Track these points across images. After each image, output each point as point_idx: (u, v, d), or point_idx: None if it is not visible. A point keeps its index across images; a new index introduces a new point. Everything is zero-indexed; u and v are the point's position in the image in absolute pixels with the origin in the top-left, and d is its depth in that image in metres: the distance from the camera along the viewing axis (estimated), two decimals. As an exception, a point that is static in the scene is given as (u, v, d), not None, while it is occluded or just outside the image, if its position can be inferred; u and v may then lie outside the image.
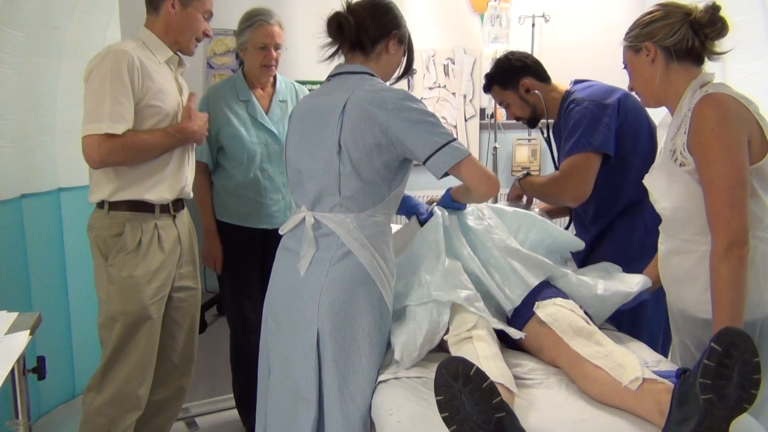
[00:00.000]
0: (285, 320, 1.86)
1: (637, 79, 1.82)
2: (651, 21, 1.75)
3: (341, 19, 1.83)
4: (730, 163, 1.59)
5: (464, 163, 1.73)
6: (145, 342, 2.21)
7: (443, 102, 3.62)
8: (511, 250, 2.05)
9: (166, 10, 2.21)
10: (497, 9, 3.33)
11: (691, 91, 1.70)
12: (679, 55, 1.72)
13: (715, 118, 1.61)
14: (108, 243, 2.16)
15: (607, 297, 1.97)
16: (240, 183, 2.66)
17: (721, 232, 1.60)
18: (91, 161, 2.07)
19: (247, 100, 2.67)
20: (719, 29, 1.69)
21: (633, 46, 1.79)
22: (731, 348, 1.32)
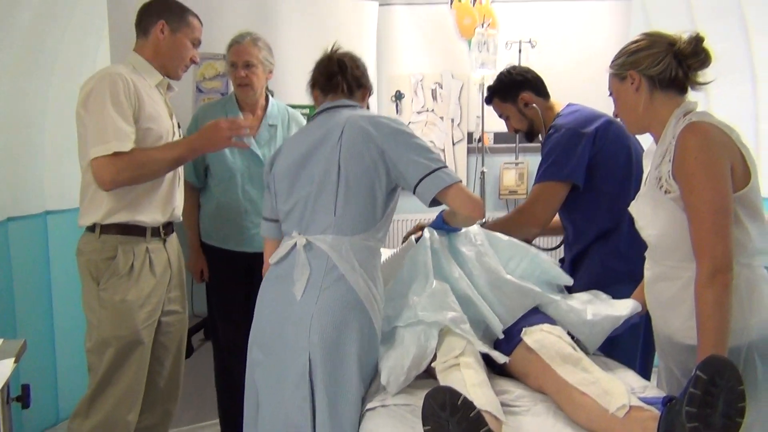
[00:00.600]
0: (273, 349, 1.85)
1: (622, 106, 1.84)
2: (636, 50, 1.77)
3: (334, 62, 2.00)
4: (714, 190, 1.60)
5: (451, 188, 1.79)
6: (136, 367, 2.18)
7: (431, 126, 3.65)
8: (500, 278, 2.05)
9: (155, 35, 2.23)
10: (484, 35, 3.37)
11: (674, 120, 1.72)
12: (663, 84, 1.74)
13: (698, 146, 1.62)
14: (100, 267, 2.14)
15: (596, 322, 1.97)
16: (221, 203, 2.67)
17: (705, 258, 1.60)
18: (103, 183, 2.05)
19: None
20: (702, 60, 1.71)
21: (618, 74, 1.81)
22: (716, 376, 1.33)
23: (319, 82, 2.02)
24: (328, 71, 2.00)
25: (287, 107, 2.85)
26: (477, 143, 3.59)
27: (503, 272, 2.08)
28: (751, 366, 1.68)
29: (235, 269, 2.71)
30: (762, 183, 1.72)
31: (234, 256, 2.70)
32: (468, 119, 3.63)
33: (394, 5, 3.55)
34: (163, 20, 2.23)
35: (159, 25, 2.23)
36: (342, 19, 3.27)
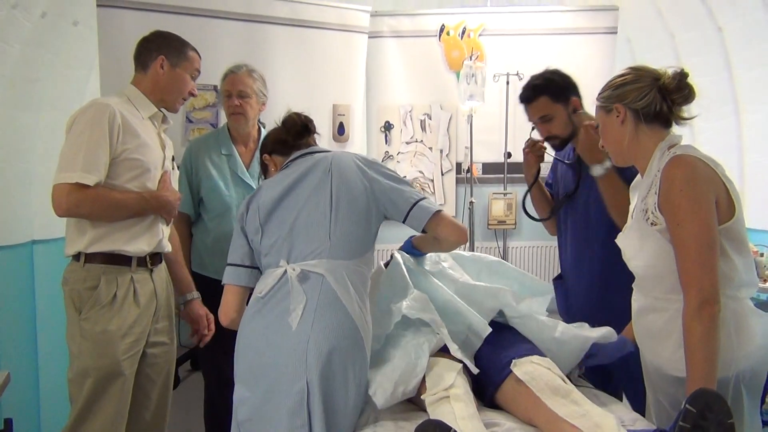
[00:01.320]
0: (260, 384, 1.82)
1: (608, 138, 1.87)
2: (622, 84, 1.81)
3: (307, 121, 2.12)
4: (700, 223, 1.62)
5: (439, 216, 1.92)
6: (116, 399, 2.15)
7: (420, 156, 3.67)
8: (467, 285, 2.16)
9: (155, 69, 2.25)
10: (472, 68, 3.41)
11: (659, 153, 1.76)
12: (648, 118, 1.77)
13: (684, 180, 1.65)
14: (82, 296, 2.12)
15: (565, 340, 2.01)
16: (216, 236, 2.65)
17: (692, 290, 1.62)
18: (57, 208, 2.06)
19: (228, 154, 2.70)
20: (686, 95, 1.75)
21: (604, 107, 1.84)
22: (706, 410, 1.34)
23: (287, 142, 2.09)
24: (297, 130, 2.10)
25: None
26: (466, 174, 3.61)
27: (469, 280, 2.19)
28: (738, 398, 1.69)
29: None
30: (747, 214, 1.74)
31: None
32: (457, 150, 3.65)
33: (384, 38, 3.59)
34: (163, 55, 2.26)
35: (159, 60, 2.25)
36: (332, 51, 3.31)
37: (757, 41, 3.16)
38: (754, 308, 1.76)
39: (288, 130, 2.10)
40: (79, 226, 2.13)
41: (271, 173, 2.14)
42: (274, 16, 3.15)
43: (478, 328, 2.02)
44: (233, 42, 3.04)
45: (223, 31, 3.02)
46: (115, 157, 2.10)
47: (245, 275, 1.97)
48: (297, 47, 3.22)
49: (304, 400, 1.73)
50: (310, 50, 3.25)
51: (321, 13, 3.27)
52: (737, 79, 3.33)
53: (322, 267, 1.82)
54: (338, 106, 3.37)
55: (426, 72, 3.63)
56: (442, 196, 3.68)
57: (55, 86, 3.07)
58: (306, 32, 3.24)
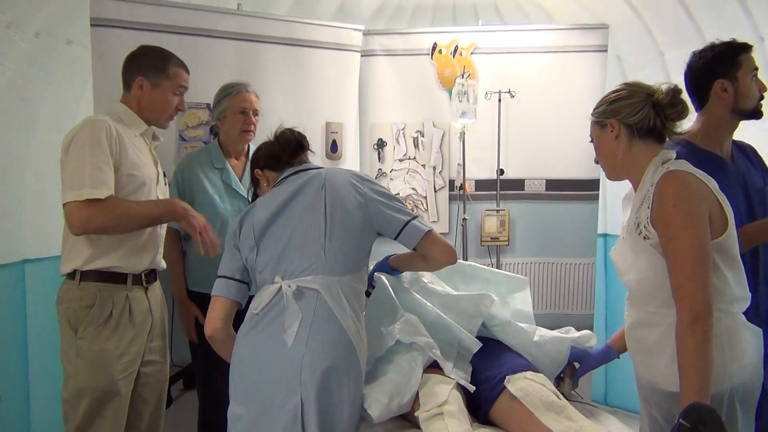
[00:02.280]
0: (254, 401, 1.81)
1: (602, 153, 1.89)
2: (616, 99, 1.83)
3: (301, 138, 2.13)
4: (693, 237, 1.63)
5: (431, 236, 1.93)
6: (112, 419, 2.13)
7: (413, 173, 3.68)
8: (450, 296, 2.18)
9: (135, 90, 2.26)
10: (465, 85, 3.43)
11: (653, 167, 1.77)
12: (641, 133, 1.78)
13: (677, 195, 1.66)
14: (78, 315, 2.11)
15: (542, 343, 2.08)
16: None
17: (685, 305, 1.62)
18: (73, 227, 2.04)
19: (221, 168, 2.71)
20: (679, 111, 1.78)
21: (599, 122, 1.86)
22: (699, 424, 1.34)
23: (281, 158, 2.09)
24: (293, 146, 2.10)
25: None
26: (459, 190, 3.62)
27: (451, 291, 2.21)
28: (732, 412, 1.69)
29: None
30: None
31: None
32: (449, 167, 3.67)
33: (376, 56, 3.61)
34: (142, 76, 2.25)
35: (138, 81, 2.25)
36: (325, 69, 3.34)
37: (745, 58, 3.20)
38: (746, 322, 1.76)
39: (282, 147, 2.10)
40: (76, 243, 2.12)
41: (263, 188, 2.14)
42: (268, 35, 3.17)
43: (468, 344, 2.05)
44: (227, 61, 3.06)
45: (217, 50, 3.04)
46: (116, 170, 2.11)
47: (234, 288, 1.96)
48: (290, 66, 3.24)
49: (298, 418, 1.72)
50: (303, 69, 3.28)
51: (314, 31, 3.30)
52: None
53: (317, 283, 1.82)
54: (331, 123, 3.39)
55: (418, 90, 3.65)
56: (435, 213, 3.69)
57: (49, 105, 3.07)
58: (299, 51, 3.26)
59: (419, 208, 3.67)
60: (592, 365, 2.13)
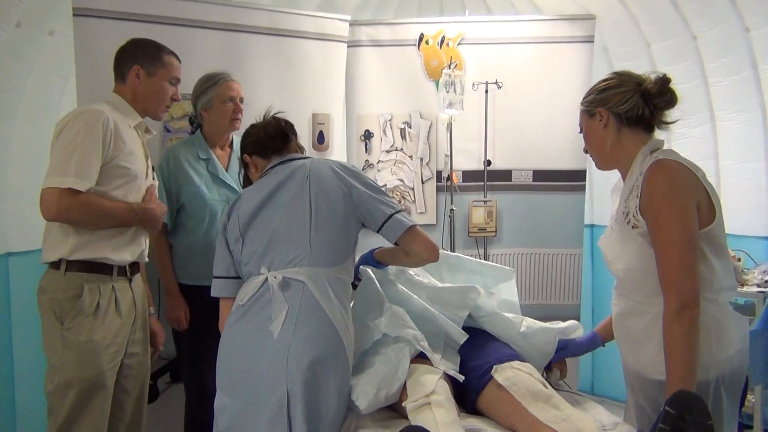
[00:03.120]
0: (241, 391, 1.81)
1: (591, 142, 1.89)
2: (605, 88, 1.83)
3: (285, 125, 2.12)
4: (681, 227, 1.64)
5: (414, 231, 1.93)
6: (99, 411, 2.11)
7: (400, 165, 3.67)
8: (436, 288, 2.18)
9: (131, 79, 2.25)
10: (451, 76, 3.42)
11: (641, 156, 1.77)
12: (630, 122, 1.79)
13: (666, 184, 1.67)
14: (64, 306, 2.08)
15: (530, 334, 2.09)
16: (202, 241, 2.62)
17: (673, 294, 1.63)
18: (47, 212, 2.02)
19: (207, 158, 2.68)
20: (668, 100, 1.77)
21: (588, 111, 1.86)
22: (685, 412, 1.35)
23: (270, 146, 2.09)
24: (277, 133, 2.09)
25: None
26: (446, 182, 3.61)
27: (437, 283, 2.21)
28: (718, 400, 1.70)
29: (208, 306, 2.65)
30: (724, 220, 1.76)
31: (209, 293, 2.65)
32: (437, 158, 3.66)
33: (363, 46, 3.59)
34: (138, 65, 2.24)
35: (134, 70, 2.24)
36: (311, 59, 3.32)
37: (731, 50, 3.22)
38: (733, 312, 1.77)
39: (269, 137, 2.10)
40: (63, 231, 2.09)
41: (252, 174, 2.14)
42: (253, 25, 3.14)
43: (455, 336, 2.05)
44: (212, 51, 3.03)
45: (202, 41, 3.01)
46: (105, 163, 2.09)
47: (232, 286, 1.99)
48: (276, 56, 3.22)
49: (284, 408, 1.72)
50: (289, 59, 3.25)
51: (300, 22, 3.28)
52: (712, 87, 3.39)
53: (303, 274, 1.83)
54: (318, 114, 3.37)
55: (405, 81, 3.64)
56: (422, 204, 3.68)
57: (31, 97, 3.03)
58: (285, 41, 3.24)
59: (406, 199, 3.67)
60: (576, 353, 2.15)
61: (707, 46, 3.31)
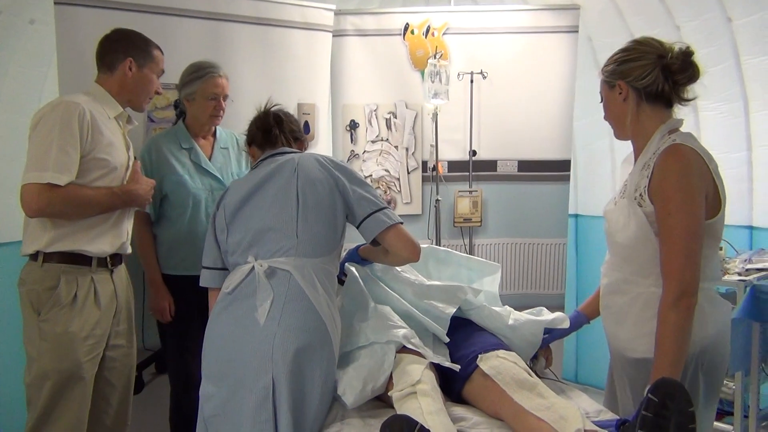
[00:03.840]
0: (226, 379, 1.81)
1: (611, 112, 1.86)
2: (625, 60, 1.78)
3: (276, 116, 2.13)
4: (690, 215, 1.64)
5: (396, 229, 1.92)
6: (77, 403, 2.11)
7: (386, 155, 3.67)
8: (423, 286, 2.16)
9: (122, 71, 2.24)
10: (437, 66, 3.42)
11: (659, 135, 1.75)
12: (650, 98, 1.76)
13: (679, 171, 1.66)
14: (41, 297, 2.08)
15: (517, 327, 2.10)
16: (186, 230, 2.61)
17: (674, 280, 1.64)
18: (28, 209, 2.02)
19: (189, 147, 2.67)
20: (690, 75, 1.73)
21: (608, 82, 1.83)
22: (667, 399, 1.36)
23: (257, 138, 2.13)
24: (265, 126, 2.11)
25: (232, 132, 2.85)
26: (431, 172, 3.62)
27: (425, 280, 2.20)
28: (695, 383, 1.73)
29: (193, 297, 2.64)
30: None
31: (194, 282, 2.62)
32: (422, 148, 3.66)
33: (348, 36, 3.58)
34: (131, 57, 2.24)
35: (127, 62, 2.24)
36: (296, 49, 3.30)
37: (713, 40, 3.24)
38: (716, 295, 1.81)
39: (261, 131, 2.12)
40: (41, 224, 2.08)
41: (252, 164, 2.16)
42: (237, 14, 3.11)
43: (437, 335, 2.06)
44: (195, 40, 3.00)
45: (185, 30, 2.98)
46: (83, 156, 2.07)
47: (219, 277, 2.01)
48: (260, 46, 3.19)
49: (269, 396, 1.73)
50: (273, 49, 3.23)
51: (284, 11, 3.25)
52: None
53: (290, 264, 1.83)
54: (303, 105, 3.36)
55: (391, 70, 3.63)
56: (408, 194, 3.69)
57: (12, 86, 3.00)
58: (269, 30, 3.22)
59: (392, 189, 3.67)
60: (562, 334, 2.19)
61: (690, 36, 3.33)
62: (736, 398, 2.82)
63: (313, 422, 1.77)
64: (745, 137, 3.29)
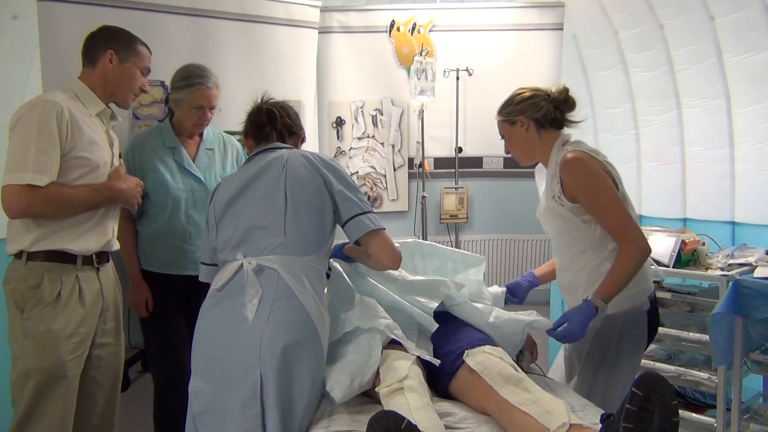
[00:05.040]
0: (215, 375, 1.82)
1: (515, 144, 2.27)
2: (521, 100, 2.23)
3: (269, 110, 2.12)
4: (609, 190, 2.05)
5: (380, 234, 1.94)
6: (61, 402, 2.10)
7: (372, 152, 3.67)
8: (406, 281, 2.20)
9: (103, 64, 2.21)
10: (423, 63, 3.43)
11: (556, 149, 2.18)
12: (546, 124, 2.20)
13: (583, 167, 2.07)
14: (25, 295, 2.07)
15: (497, 324, 2.12)
16: (165, 229, 2.61)
17: (627, 239, 2.01)
18: (9, 211, 2.01)
19: (173, 147, 2.65)
20: (571, 105, 2.22)
21: (509, 120, 2.25)
22: (651, 392, 1.38)
23: (251, 132, 2.13)
24: (258, 121, 2.11)
25: (221, 132, 2.84)
26: (418, 168, 3.63)
27: (407, 276, 2.23)
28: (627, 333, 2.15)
29: (175, 295, 2.66)
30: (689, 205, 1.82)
31: (175, 281, 2.64)
32: (408, 145, 3.67)
33: (334, 33, 3.57)
34: (112, 50, 2.21)
35: (108, 54, 2.21)
36: (282, 46, 3.29)
37: (696, 37, 3.27)
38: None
39: (253, 125, 2.12)
40: (24, 223, 2.07)
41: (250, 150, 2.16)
42: (222, 10, 3.10)
43: (426, 325, 2.07)
44: (180, 37, 2.99)
45: (170, 26, 2.96)
46: (63, 155, 2.05)
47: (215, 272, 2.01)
48: (245, 42, 3.18)
49: (257, 393, 1.74)
50: (259, 45, 3.22)
51: (269, 8, 3.24)
52: (678, 74, 3.44)
53: (278, 263, 1.83)
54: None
55: (377, 67, 3.63)
56: (394, 191, 3.69)
57: (-7, 82, 2.97)
58: (254, 27, 3.20)
59: (378, 186, 3.68)
60: (523, 296, 2.48)
61: (673, 34, 3.36)
62: (719, 391, 2.85)
63: (301, 419, 1.78)
64: (727, 134, 3.32)
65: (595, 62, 3.82)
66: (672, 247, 3.00)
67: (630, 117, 3.72)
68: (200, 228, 2.64)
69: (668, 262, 2.98)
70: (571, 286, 2.21)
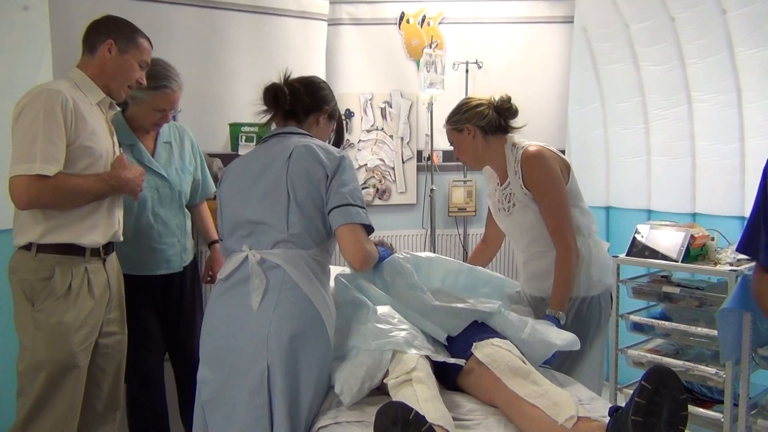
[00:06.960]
0: (223, 364, 1.84)
1: (464, 151, 2.42)
2: (467, 109, 2.37)
3: (277, 90, 1.99)
4: (559, 189, 2.26)
5: (352, 228, 1.84)
6: (71, 391, 2.11)
7: (381, 144, 3.67)
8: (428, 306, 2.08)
9: (102, 53, 2.17)
10: (432, 56, 3.42)
11: (509, 151, 2.35)
12: (492, 130, 2.36)
13: (540, 163, 2.27)
14: (35, 287, 2.07)
15: (530, 343, 2.00)
16: (133, 231, 2.49)
17: (564, 242, 2.22)
18: (19, 202, 1.99)
19: (131, 144, 2.52)
20: (513, 112, 2.39)
21: (456, 128, 2.39)
22: (660, 386, 1.38)
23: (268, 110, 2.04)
24: (265, 102, 2.02)
25: (175, 124, 2.73)
26: (426, 161, 3.63)
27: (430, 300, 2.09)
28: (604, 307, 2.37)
29: (149, 295, 2.58)
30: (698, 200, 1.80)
31: (149, 282, 2.56)
32: (417, 138, 3.67)
33: (343, 25, 3.57)
34: (112, 39, 2.17)
35: (107, 43, 2.17)
36: (291, 37, 3.29)
37: (707, 31, 3.24)
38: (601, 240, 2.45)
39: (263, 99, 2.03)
40: (33, 215, 2.06)
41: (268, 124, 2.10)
42: (232, 2, 3.11)
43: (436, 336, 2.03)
44: (190, 28, 2.99)
45: (180, 18, 2.97)
46: (69, 144, 2.04)
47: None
48: (255, 34, 3.19)
49: (264, 382, 1.75)
50: (268, 37, 3.22)
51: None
52: (689, 68, 3.42)
53: (281, 257, 1.84)
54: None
55: (386, 60, 3.63)
56: (403, 184, 3.70)
57: (5, 73, 2.97)
58: (264, 19, 3.21)
59: (387, 179, 3.68)
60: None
61: (684, 27, 3.34)
62: (726, 387, 2.85)
63: (309, 408, 1.79)
64: (738, 128, 3.30)
65: (605, 55, 3.80)
66: (681, 241, 2.99)
67: (640, 111, 3.70)
68: (169, 225, 2.57)
69: (677, 257, 2.97)
70: (545, 273, 2.31)
